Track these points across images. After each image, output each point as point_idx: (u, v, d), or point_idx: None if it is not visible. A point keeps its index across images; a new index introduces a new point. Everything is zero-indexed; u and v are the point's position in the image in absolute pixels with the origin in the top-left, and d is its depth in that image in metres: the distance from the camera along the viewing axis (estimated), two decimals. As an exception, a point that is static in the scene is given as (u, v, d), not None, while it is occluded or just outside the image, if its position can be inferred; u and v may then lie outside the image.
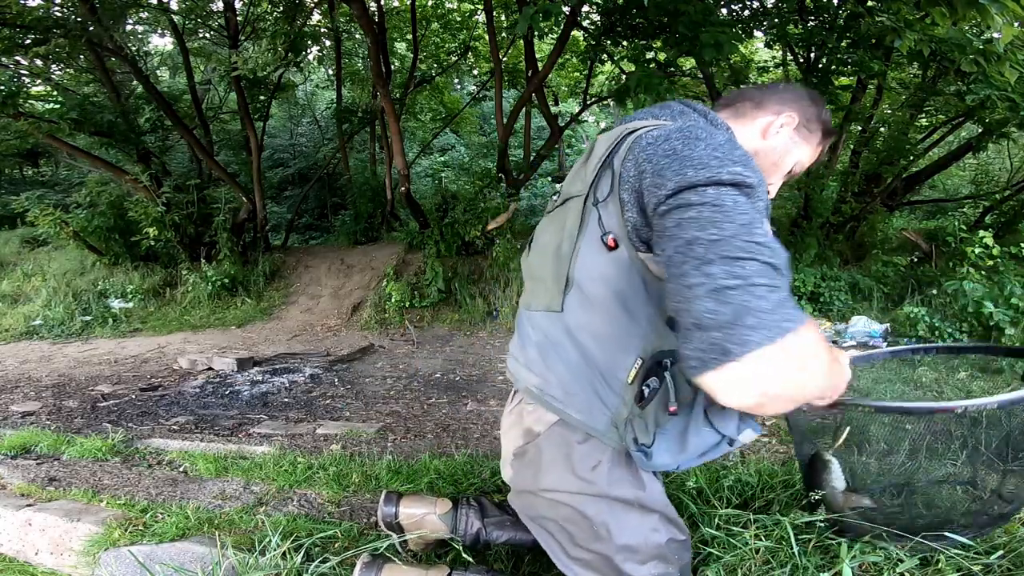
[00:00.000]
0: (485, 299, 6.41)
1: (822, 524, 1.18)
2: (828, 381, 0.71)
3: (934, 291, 4.80)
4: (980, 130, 5.25)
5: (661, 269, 0.76)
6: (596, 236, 0.87)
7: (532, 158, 8.00)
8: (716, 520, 1.33)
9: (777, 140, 1.02)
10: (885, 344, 4.54)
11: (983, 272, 4.45)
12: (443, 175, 10.08)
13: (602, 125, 15.09)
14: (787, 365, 0.62)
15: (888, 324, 4.82)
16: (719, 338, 0.62)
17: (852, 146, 6.49)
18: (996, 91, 3.67)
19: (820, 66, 5.62)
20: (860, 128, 6.34)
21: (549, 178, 12.75)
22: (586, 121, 14.44)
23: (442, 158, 12.19)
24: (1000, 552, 0.98)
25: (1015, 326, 3.78)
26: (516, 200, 6.97)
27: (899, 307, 4.91)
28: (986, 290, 4.12)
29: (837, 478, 1.24)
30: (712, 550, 1.22)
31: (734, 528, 1.26)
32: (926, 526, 1.08)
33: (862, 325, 4.91)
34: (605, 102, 9.66)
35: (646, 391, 0.84)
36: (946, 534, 1.02)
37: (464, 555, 1.32)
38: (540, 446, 1.01)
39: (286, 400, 3.65)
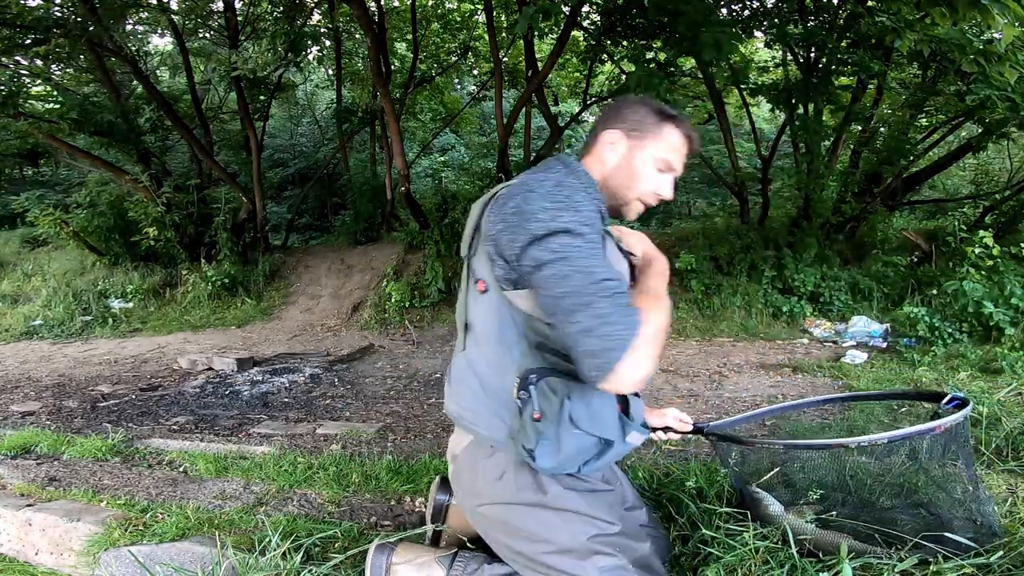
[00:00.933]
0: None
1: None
2: (659, 333, 0.95)
3: (934, 291, 4.79)
4: (980, 130, 5.24)
5: (527, 304, 1.01)
6: (472, 283, 1.09)
7: (532, 158, 8.00)
8: (715, 520, 1.33)
9: (615, 157, 1.12)
10: (885, 343, 4.54)
11: (983, 272, 4.45)
12: (443, 175, 10.08)
13: None
14: (641, 354, 0.89)
15: (888, 324, 4.82)
16: (598, 363, 0.89)
17: (852, 146, 6.48)
18: (996, 91, 3.66)
19: (820, 66, 5.61)
20: (860, 128, 6.33)
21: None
22: (586, 121, 14.37)
23: (442, 158, 12.19)
24: (1000, 553, 0.98)
25: (1015, 326, 3.78)
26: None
27: (899, 307, 4.90)
28: (986, 290, 4.12)
29: (771, 505, 1.33)
30: (712, 550, 1.22)
31: (733, 528, 1.26)
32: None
33: (862, 325, 4.91)
34: (605, 102, 9.65)
35: (520, 404, 1.02)
36: (946, 535, 1.02)
37: (469, 545, 1.32)
38: (460, 466, 1.17)
39: (286, 400, 3.65)
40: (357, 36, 9.42)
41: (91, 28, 6.40)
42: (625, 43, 6.10)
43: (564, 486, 1.08)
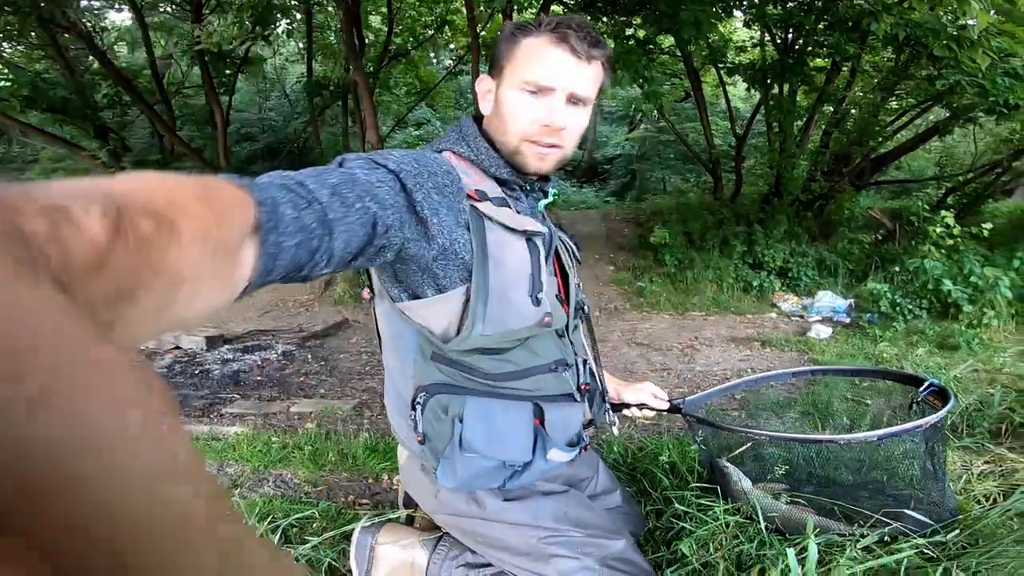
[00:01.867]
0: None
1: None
2: None
3: (896, 268, 4.95)
4: (947, 114, 5.37)
5: (420, 312, 0.86)
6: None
7: None
8: (688, 496, 1.36)
9: (489, 104, 0.93)
10: (849, 319, 4.69)
11: (943, 251, 4.61)
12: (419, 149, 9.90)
13: None
14: None
15: (852, 300, 4.97)
16: None
17: (823, 127, 6.59)
18: (966, 77, 3.75)
19: (796, 47, 5.65)
20: (832, 109, 6.44)
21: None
22: None
23: (417, 132, 11.95)
24: (956, 531, 1.04)
25: (972, 304, 3.94)
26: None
27: (863, 283, 5.06)
28: (945, 268, 4.28)
29: (740, 480, 1.33)
30: (685, 524, 1.25)
31: (705, 503, 1.30)
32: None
33: (827, 300, 5.06)
34: None
35: (411, 423, 0.93)
36: (905, 511, 1.06)
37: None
38: (405, 480, 1.12)
39: (258, 378, 3.59)
40: (329, 8, 9.07)
41: (43, 4, 6.06)
42: (605, 19, 6.02)
43: (503, 498, 1.02)
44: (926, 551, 1.00)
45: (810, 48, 5.48)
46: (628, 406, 1.29)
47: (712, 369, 3.61)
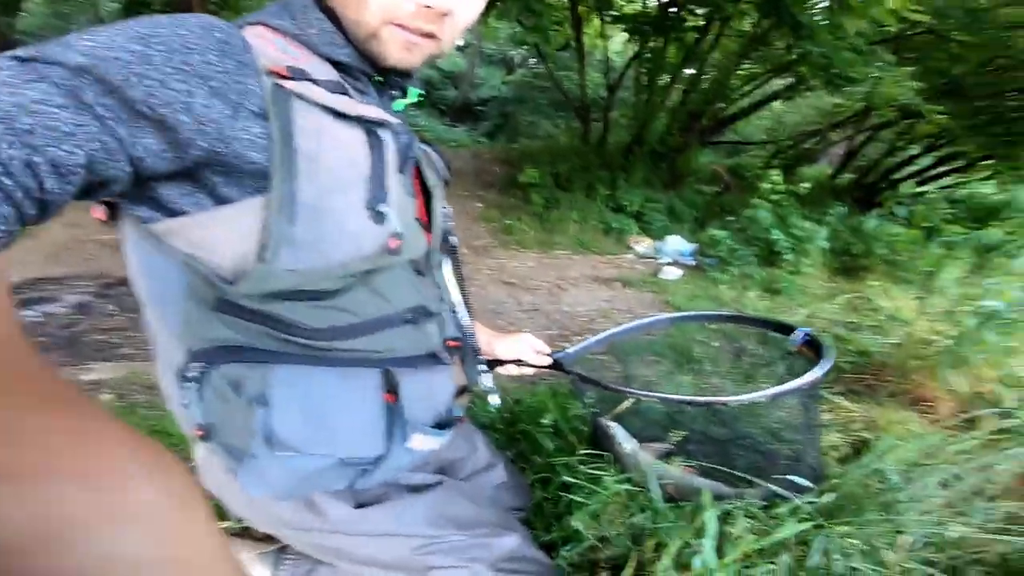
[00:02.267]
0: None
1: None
2: None
3: (733, 218, 5.49)
4: (785, 84, 5.92)
5: (197, 233, 0.55)
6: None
7: None
8: (575, 463, 1.26)
9: None
10: (694, 261, 5.12)
11: (771, 203, 5.18)
12: None
13: (459, 41, 14.22)
14: None
15: (696, 244, 5.44)
16: None
17: (684, 86, 6.94)
18: (817, 48, 4.07)
19: (678, 3, 5.74)
20: (693, 70, 6.78)
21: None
22: None
23: None
24: (832, 494, 1.05)
25: (792, 252, 4.51)
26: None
27: (705, 229, 5.54)
28: (773, 219, 4.81)
29: (624, 440, 1.24)
30: (574, 497, 1.15)
31: (594, 471, 1.20)
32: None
33: (676, 244, 5.47)
34: None
35: (182, 407, 0.63)
36: (788, 477, 1.06)
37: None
38: (206, 481, 0.77)
39: (39, 339, 2.80)
40: None
41: None
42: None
43: (354, 503, 0.75)
44: (807, 515, 1.00)
45: (690, 6, 5.59)
46: (503, 363, 1.05)
47: (578, 310, 3.67)
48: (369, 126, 0.60)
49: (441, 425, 0.75)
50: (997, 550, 1.04)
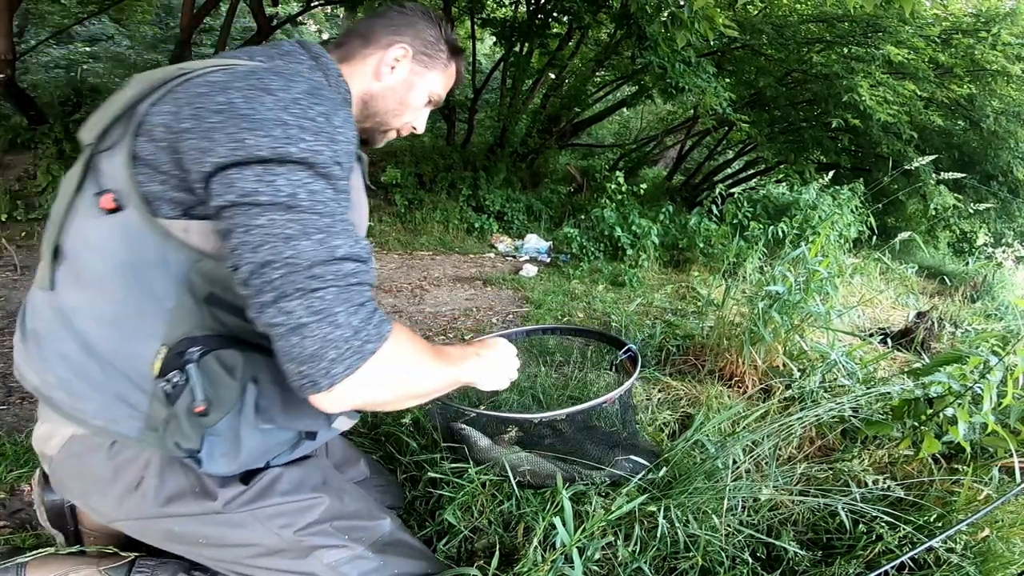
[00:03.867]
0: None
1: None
2: (441, 373, 0.77)
3: (583, 216, 5.93)
4: (633, 92, 6.52)
5: (204, 240, 0.68)
6: (91, 194, 0.70)
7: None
8: (438, 459, 1.30)
9: (394, 78, 0.91)
10: (549, 259, 5.44)
11: (615, 203, 5.70)
12: (85, 66, 7.66)
13: (325, 35, 13.09)
14: (380, 380, 0.67)
15: (552, 241, 5.78)
16: (307, 371, 0.63)
17: (544, 90, 7.31)
18: (657, 59, 4.54)
19: (545, 10, 5.99)
20: (554, 75, 7.16)
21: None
22: (304, 24, 12.43)
23: (86, 48, 9.02)
24: (664, 470, 1.22)
25: (632, 248, 5.01)
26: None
27: (559, 228, 5.92)
28: (617, 218, 5.30)
29: (479, 440, 1.37)
30: (443, 492, 1.19)
31: (458, 466, 1.26)
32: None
33: (534, 242, 5.76)
34: (335, 8, 8.42)
35: (169, 388, 0.70)
36: (630, 458, 1.21)
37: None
38: (62, 473, 0.80)
39: None
40: None
41: None
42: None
43: (239, 484, 0.81)
44: (648, 490, 1.16)
45: (555, 13, 5.87)
46: None
47: (441, 310, 3.70)
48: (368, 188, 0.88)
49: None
50: (803, 510, 1.29)
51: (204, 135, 0.62)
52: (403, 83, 0.91)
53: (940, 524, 1.24)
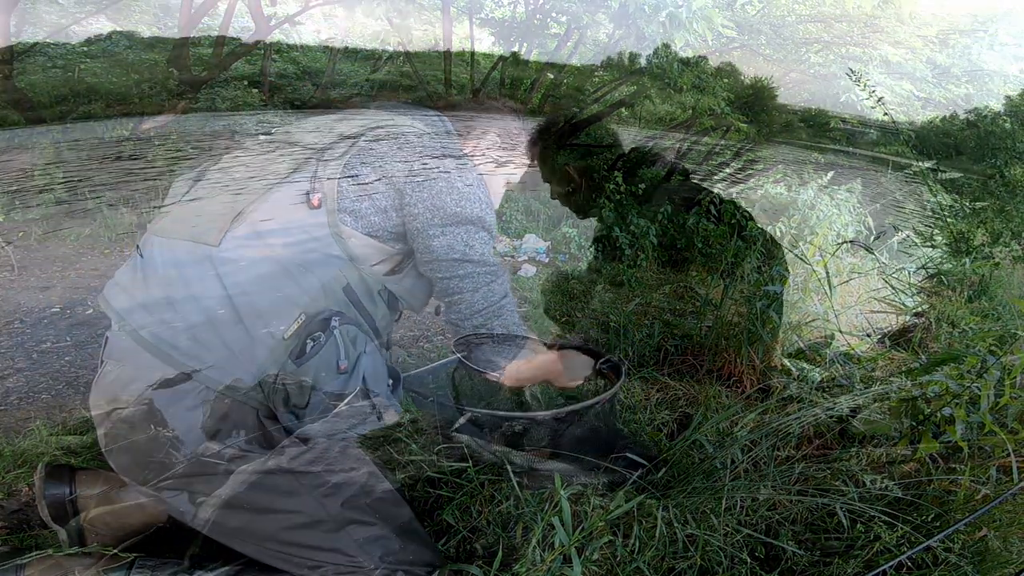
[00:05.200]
0: (135, 208, 5.08)
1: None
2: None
3: (582, 216, 5.92)
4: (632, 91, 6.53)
5: (362, 251, 0.93)
6: (302, 187, 0.90)
7: (224, 57, 6.44)
8: (437, 460, 1.30)
9: (519, 175, 1.21)
10: (548, 259, 5.44)
11: (614, 203, 5.69)
12: (82, 66, 7.75)
13: (323, 36, 13.07)
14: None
15: (550, 242, 5.78)
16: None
17: (544, 90, 7.30)
18: (655, 59, 4.55)
19: (546, 8, 5.99)
20: (552, 76, 7.15)
21: (245, 82, 10.65)
22: (302, 24, 12.46)
23: (84, 48, 9.10)
24: (664, 470, 1.22)
25: (631, 247, 5.01)
26: (192, 100, 5.65)
27: (558, 228, 5.92)
28: (616, 217, 5.30)
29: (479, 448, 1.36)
30: (442, 492, 1.19)
31: (456, 464, 1.26)
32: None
33: (532, 243, 5.76)
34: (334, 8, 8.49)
35: (309, 345, 0.83)
36: (626, 455, 1.21)
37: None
38: (134, 420, 0.80)
39: None
40: None
41: None
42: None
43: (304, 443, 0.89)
44: (647, 489, 1.16)
45: (554, 13, 5.91)
46: None
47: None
48: None
49: None
50: (802, 509, 1.29)
51: (434, 196, 0.99)
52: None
53: (938, 523, 1.25)
